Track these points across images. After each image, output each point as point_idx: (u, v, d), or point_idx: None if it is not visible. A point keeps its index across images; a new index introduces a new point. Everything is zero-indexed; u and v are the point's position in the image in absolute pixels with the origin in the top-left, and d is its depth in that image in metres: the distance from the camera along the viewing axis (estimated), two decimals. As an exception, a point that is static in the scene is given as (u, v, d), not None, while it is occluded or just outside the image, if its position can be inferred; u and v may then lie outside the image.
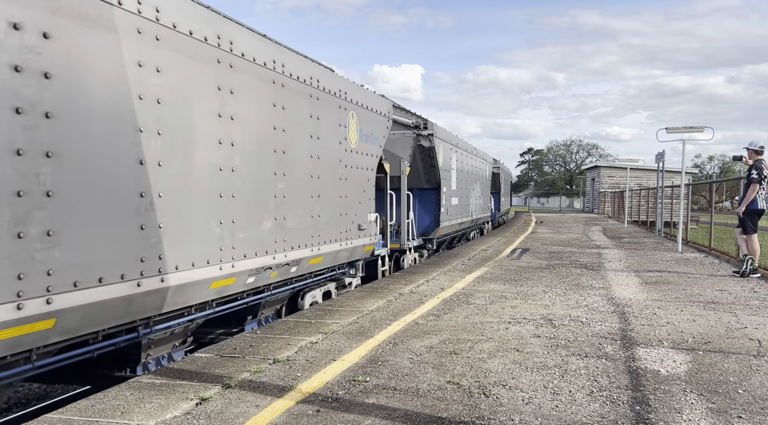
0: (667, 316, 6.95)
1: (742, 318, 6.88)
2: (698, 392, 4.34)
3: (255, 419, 3.79)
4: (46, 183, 3.83)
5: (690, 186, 21.45)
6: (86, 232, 4.14)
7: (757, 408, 4.04)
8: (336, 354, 5.26)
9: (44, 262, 3.80)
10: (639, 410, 3.98)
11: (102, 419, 3.76)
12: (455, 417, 3.82)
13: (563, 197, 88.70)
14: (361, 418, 3.80)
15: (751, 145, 10.64)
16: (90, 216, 4.18)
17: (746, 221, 10.46)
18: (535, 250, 15.00)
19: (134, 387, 4.36)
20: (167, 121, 4.92)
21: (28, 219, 3.72)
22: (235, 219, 5.88)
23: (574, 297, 8.18)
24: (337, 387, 4.41)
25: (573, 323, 6.53)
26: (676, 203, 24.49)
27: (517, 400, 4.14)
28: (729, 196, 35.55)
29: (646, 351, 5.44)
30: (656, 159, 21.10)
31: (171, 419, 3.79)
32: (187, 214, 5.18)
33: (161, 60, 4.85)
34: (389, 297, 8.07)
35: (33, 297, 3.76)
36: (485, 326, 6.37)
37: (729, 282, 9.82)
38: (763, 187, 10.33)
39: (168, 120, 4.92)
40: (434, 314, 6.99)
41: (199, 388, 4.32)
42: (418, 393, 4.26)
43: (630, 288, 8.96)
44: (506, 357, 5.21)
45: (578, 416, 3.86)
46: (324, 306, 7.51)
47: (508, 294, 8.33)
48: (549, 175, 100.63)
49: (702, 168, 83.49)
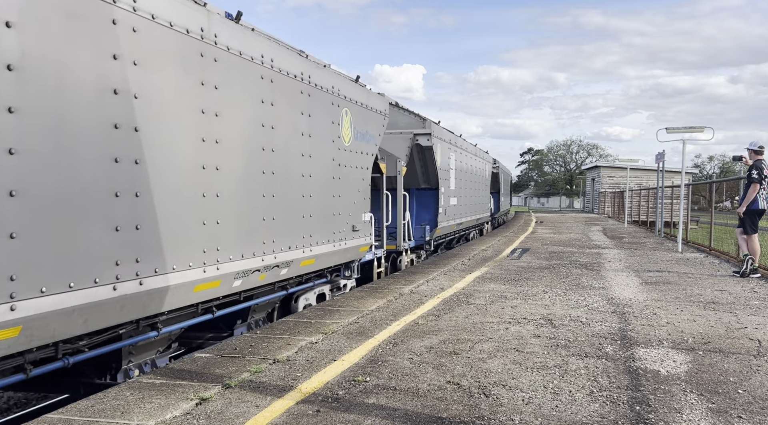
0: (667, 316, 6.95)
1: (742, 318, 6.88)
2: (698, 392, 4.34)
3: (255, 419, 3.79)
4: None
5: (690, 186, 21.45)
6: (49, 233, 3.91)
7: (757, 408, 4.04)
8: (336, 354, 5.26)
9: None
10: (639, 410, 3.98)
11: (102, 419, 3.76)
12: (455, 417, 3.82)
13: (563, 197, 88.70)
14: (361, 418, 3.80)
15: (751, 145, 10.64)
16: (58, 216, 3.97)
17: (746, 221, 10.46)
18: (535, 250, 14.99)
19: (134, 387, 4.36)
20: (146, 118, 4.69)
21: None
22: (219, 219, 5.68)
23: (574, 297, 8.18)
24: (337, 387, 4.41)
25: (573, 323, 6.53)
26: (676, 203, 24.48)
27: (517, 400, 4.14)
28: (729, 196, 35.53)
29: (646, 351, 5.44)
30: (656, 159, 21.11)
31: (171, 419, 3.79)
32: (168, 214, 4.98)
33: (139, 53, 4.59)
34: (389, 297, 8.07)
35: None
36: (485, 326, 6.37)
37: (729, 282, 9.82)
38: (763, 187, 10.33)
39: (148, 116, 4.71)
40: (434, 314, 6.98)
41: (199, 388, 4.32)
42: (418, 393, 4.26)
43: (630, 288, 8.96)
44: (506, 357, 5.21)
45: (578, 416, 3.86)
46: (324, 306, 7.50)
47: (508, 294, 8.33)
48: (549, 175, 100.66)
49: (702, 168, 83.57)
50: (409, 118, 13.46)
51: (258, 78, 6.30)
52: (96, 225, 4.27)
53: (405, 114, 13.58)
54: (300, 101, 7.19)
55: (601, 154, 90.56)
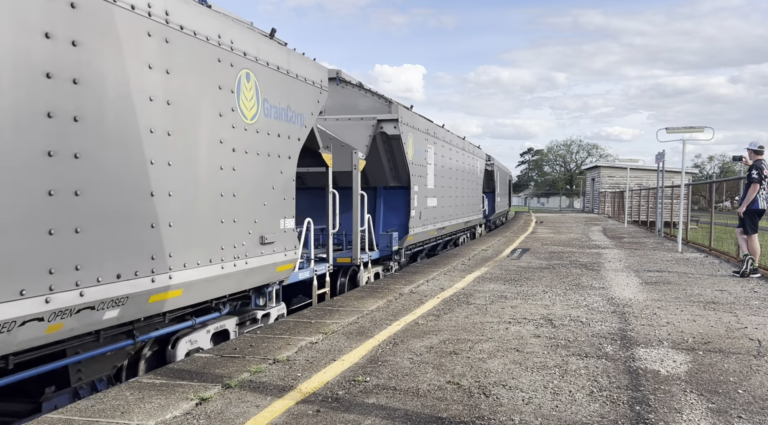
0: (667, 316, 6.95)
1: (742, 318, 6.88)
2: (698, 392, 4.34)
3: (255, 419, 3.79)
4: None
5: (690, 186, 21.45)
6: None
7: (757, 408, 4.04)
8: (336, 354, 5.27)
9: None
10: (639, 410, 3.98)
11: (102, 419, 3.76)
12: (455, 417, 3.82)
13: (563, 197, 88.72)
14: (361, 418, 3.81)
15: (751, 145, 10.64)
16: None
17: (746, 221, 10.46)
18: (535, 250, 14.99)
19: (134, 387, 4.36)
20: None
21: None
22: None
23: (574, 297, 8.18)
24: (337, 387, 4.41)
25: (573, 323, 6.53)
26: (676, 203, 24.48)
27: (517, 400, 4.14)
28: (729, 196, 35.54)
29: (646, 351, 5.44)
30: (656, 159, 21.11)
31: (171, 419, 3.80)
32: None
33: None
34: (389, 297, 8.07)
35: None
36: (485, 326, 6.37)
37: (729, 282, 9.82)
38: (763, 187, 10.33)
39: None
40: (434, 314, 6.99)
41: (199, 388, 4.32)
42: (418, 393, 4.27)
43: (630, 288, 8.96)
44: (506, 357, 5.21)
45: (578, 416, 3.86)
46: (324, 307, 7.50)
47: (508, 294, 8.33)
48: (549, 175, 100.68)
49: (702, 168, 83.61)
50: (371, 101, 10.94)
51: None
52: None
53: (366, 95, 10.96)
54: (145, 48, 4.77)
55: (601, 154, 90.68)
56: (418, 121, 12.61)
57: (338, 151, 9.64)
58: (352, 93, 10.93)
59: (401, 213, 12.00)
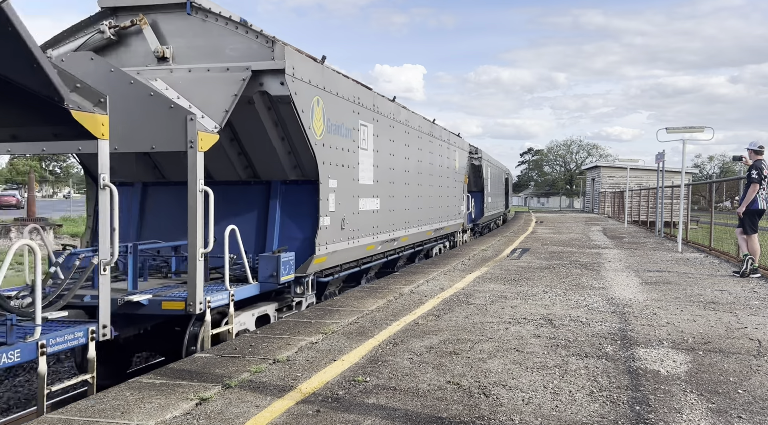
0: (667, 316, 6.95)
1: (742, 318, 6.88)
2: (698, 392, 4.34)
3: (255, 419, 3.79)
4: None
5: (690, 186, 21.44)
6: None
7: (757, 408, 4.04)
8: (336, 354, 5.27)
9: None
10: (639, 410, 3.98)
11: (102, 419, 3.76)
12: (455, 417, 3.82)
13: (563, 197, 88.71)
14: (361, 418, 3.81)
15: (751, 145, 10.64)
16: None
17: (746, 221, 10.46)
18: (535, 250, 14.99)
19: (134, 387, 4.36)
20: None
21: None
22: None
23: (574, 297, 8.18)
24: (337, 387, 4.41)
25: (573, 323, 6.53)
26: (676, 203, 24.47)
27: (517, 400, 4.15)
28: (729, 196, 35.52)
29: (646, 351, 5.44)
30: (656, 159, 21.11)
31: (171, 419, 3.80)
32: None
33: None
34: (389, 297, 8.07)
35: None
36: (485, 326, 6.37)
37: (729, 282, 9.82)
38: (763, 187, 10.33)
39: None
40: (434, 314, 6.99)
41: (199, 388, 4.32)
42: (418, 393, 4.27)
43: (630, 289, 8.96)
44: (506, 357, 5.21)
45: (578, 416, 3.87)
46: (324, 307, 7.50)
47: (508, 294, 8.33)
48: (549, 175, 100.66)
49: (702, 168, 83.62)
50: (243, 41, 6.77)
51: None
52: None
53: (238, 32, 6.80)
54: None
55: (601, 154, 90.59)
56: (338, 81, 8.25)
57: (167, 116, 5.81)
58: (215, 29, 6.84)
59: (306, 221, 7.78)
